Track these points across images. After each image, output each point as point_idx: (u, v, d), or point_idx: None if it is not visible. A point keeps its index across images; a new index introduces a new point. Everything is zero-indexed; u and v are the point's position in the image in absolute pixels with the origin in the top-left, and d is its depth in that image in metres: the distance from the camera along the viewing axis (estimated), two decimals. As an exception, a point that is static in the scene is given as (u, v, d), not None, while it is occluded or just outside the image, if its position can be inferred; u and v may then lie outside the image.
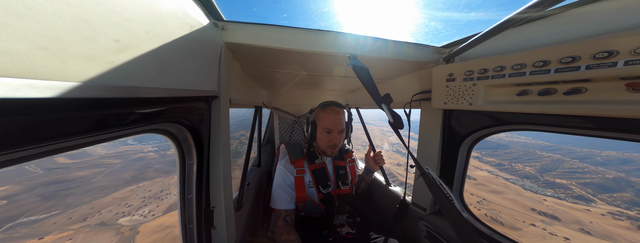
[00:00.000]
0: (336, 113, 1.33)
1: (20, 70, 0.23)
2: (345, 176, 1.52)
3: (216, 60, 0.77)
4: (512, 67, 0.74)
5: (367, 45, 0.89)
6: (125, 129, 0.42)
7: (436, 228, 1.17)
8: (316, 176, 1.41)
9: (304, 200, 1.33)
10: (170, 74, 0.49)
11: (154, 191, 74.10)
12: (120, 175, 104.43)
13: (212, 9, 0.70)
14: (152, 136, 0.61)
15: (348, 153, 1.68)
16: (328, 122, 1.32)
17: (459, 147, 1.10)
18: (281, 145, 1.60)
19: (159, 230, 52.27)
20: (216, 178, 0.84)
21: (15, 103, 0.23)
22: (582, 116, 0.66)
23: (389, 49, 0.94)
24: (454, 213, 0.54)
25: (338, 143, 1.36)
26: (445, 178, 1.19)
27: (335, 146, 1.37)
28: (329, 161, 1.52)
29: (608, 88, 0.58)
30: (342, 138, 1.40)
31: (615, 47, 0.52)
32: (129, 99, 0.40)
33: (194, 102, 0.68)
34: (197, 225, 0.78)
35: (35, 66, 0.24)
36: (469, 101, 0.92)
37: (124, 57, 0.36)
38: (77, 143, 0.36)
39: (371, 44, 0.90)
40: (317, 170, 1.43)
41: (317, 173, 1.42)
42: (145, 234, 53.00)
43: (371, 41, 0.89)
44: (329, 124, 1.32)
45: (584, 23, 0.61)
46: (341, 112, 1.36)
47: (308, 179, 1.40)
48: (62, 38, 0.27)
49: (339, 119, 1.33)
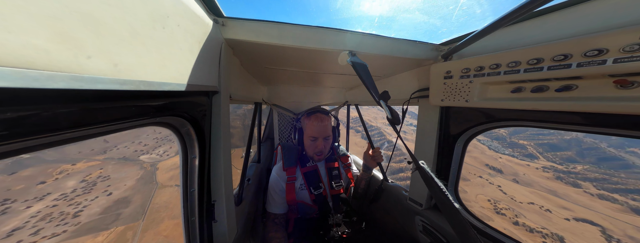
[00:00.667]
0: (320, 120, 1.38)
1: (38, 63, 0.25)
2: (338, 176, 1.55)
3: (216, 56, 0.78)
4: (508, 64, 0.76)
5: (366, 42, 0.90)
6: (130, 121, 0.44)
7: (432, 223, 1.20)
8: (308, 178, 1.46)
9: (295, 202, 1.40)
10: (172, 69, 0.50)
11: (164, 133, 75.72)
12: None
13: (212, 5, 0.70)
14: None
15: (344, 156, 1.71)
16: (313, 130, 1.38)
17: (454, 143, 1.12)
18: (278, 147, 1.63)
19: (173, 168, 58.63)
20: (217, 172, 0.85)
21: (34, 92, 0.25)
22: (573, 112, 0.68)
23: (388, 46, 0.95)
24: (448, 204, 0.56)
25: (324, 149, 1.43)
26: (441, 174, 1.21)
27: (321, 152, 1.43)
28: (322, 163, 1.56)
29: (598, 85, 0.60)
30: (328, 144, 1.46)
31: (605, 45, 0.54)
32: (135, 92, 0.42)
33: (195, 97, 0.69)
34: (199, 218, 0.80)
35: (51, 60, 0.26)
36: (465, 98, 0.94)
37: (128, 52, 0.37)
38: (85, 134, 0.37)
39: (370, 41, 0.91)
40: (309, 173, 1.48)
41: (308, 175, 1.47)
42: (164, 170, 59.43)
43: (370, 37, 0.90)
44: (313, 132, 1.38)
45: (576, 22, 0.63)
46: (326, 119, 1.41)
47: (299, 183, 1.45)
48: (74, 34, 0.28)
49: (324, 126, 1.38)
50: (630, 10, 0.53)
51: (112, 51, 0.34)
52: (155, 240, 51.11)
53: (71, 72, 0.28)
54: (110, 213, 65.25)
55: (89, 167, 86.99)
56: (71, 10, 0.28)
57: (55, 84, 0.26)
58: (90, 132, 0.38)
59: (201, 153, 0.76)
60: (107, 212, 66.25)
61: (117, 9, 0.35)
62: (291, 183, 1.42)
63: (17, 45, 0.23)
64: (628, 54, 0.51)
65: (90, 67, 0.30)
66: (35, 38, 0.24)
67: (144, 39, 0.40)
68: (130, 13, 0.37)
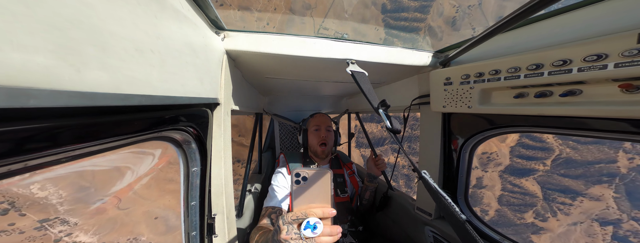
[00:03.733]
0: (322, 116, 1.58)
1: (35, 79, 0.23)
2: (343, 184, 1.52)
3: (218, 68, 0.79)
4: (507, 70, 0.76)
5: (365, 51, 0.92)
6: (131, 137, 0.44)
7: (443, 234, 1.15)
8: None
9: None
10: (174, 83, 0.50)
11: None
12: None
13: (213, 19, 0.72)
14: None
15: (348, 163, 1.69)
16: (315, 121, 1.54)
17: (460, 150, 1.10)
18: (281, 155, 1.62)
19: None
20: (218, 185, 0.84)
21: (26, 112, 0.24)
22: (579, 117, 0.67)
23: (386, 54, 0.96)
24: (454, 216, 0.53)
25: (327, 141, 1.47)
26: (449, 182, 1.18)
27: (325, 144, 1.45)
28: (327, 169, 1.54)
29: (603, 90, 0.60)
30: (331, 137, 1.52)
31: (605, 50, 0.54)
32: (136, 107, 0.42)
33: (196, 110, 0.69)
34: (200, 233, 0.78)
35: (51, 74, 0.25)
36: (467, 104, 0.94)
37: (130, 66, 0.37)
38: (83, 152, 0.37)
39: (368, 50, 0.92)
40: None
41: None
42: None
43: (368, 46, 0.92)
44: (316, 122, 1.53)
45: (574, 27, 0.63)
46: (327, 116, 1.59)
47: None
48: (75, 48, 0.28)
49: (326, 118, 1.56)
50: (628, 15, 0.54)
51: (114, 66, 0.34)
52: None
53: (71, 88, 0.27)
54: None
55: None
56: (72, 25, 0.28)
57: (54, 102, 0.25)
58: (88, 150, 0.38)
59: (202, 166, 0.76)
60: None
61: (119, 23, 0.35)
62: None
63: (14, 60, 0.22)
64: (628, 58, 0.51)
65: (91, 83, 0.30)
66: (33, 54, 0.23)
67: (146, 53, 0.41)
68: (133, 27, 0.38)
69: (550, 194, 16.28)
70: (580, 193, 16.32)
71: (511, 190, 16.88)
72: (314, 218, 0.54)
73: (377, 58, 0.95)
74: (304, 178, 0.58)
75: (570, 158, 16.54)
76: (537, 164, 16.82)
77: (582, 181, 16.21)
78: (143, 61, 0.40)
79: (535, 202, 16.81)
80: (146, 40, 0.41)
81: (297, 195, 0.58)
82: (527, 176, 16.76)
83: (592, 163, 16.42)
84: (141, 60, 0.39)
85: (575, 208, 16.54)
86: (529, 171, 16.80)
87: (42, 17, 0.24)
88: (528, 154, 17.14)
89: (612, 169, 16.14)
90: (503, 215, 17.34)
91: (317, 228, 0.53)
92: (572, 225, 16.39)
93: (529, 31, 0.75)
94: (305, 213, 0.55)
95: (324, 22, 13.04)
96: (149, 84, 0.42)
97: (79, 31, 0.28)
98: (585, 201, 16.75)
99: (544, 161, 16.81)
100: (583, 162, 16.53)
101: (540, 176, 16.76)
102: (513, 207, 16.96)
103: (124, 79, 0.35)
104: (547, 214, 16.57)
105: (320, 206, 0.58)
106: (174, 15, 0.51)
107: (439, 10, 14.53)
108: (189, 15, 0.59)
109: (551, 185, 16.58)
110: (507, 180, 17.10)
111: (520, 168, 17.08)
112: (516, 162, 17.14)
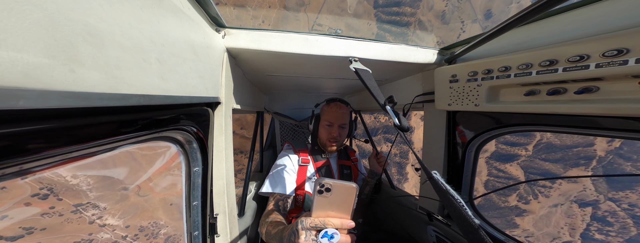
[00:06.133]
0: (339, 107, 1.36)
1: (28, 79, 0.22)
2: (349, 176, 1.50)
3: (219, 67, 0.76)
4: (518, 67, 0.74)
5: (368, 48, 0.89)
6: (131, 138, 0.41)
7: (446, 234, 1.15)
8: (319, 171, 1.39)
9: (303, 192, 1.28)
10: (174, 82, 0.47)
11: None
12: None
13: (214, 16, 0.69)
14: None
15: (351, 151, 1.66)
16: (330, 115, 1.35)
17: (466, 149, 1.09)
18: (286, 144, 1.56)
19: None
20: (219, 185, 0.83)
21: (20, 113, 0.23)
22: (595, 116, 0.66)
23: (389, 52, 0.93)
24: (467, 220, 0.51)
25: (338, 137, 1.36)
26: (453, 182, 1.17)
27: (335, 140, 1.36)
28: (334, 160, 1.50)
29: (621, 86, 0.59)
30: (344, 133, 1.40)
31: (626, 45, 0.52)
32: (135, 107, 0.40)
33: (197, 109, 0.67)
34: (202, 233, 0.77)
35: (42, 74, 0.24)
36: (474, 102, 0.92)
37: (128, 65, 0.34)
38: (82, 154, 0.34)
39: (371, 47, 0.90)
40: (320, 167, 1.40)
41: (320, 170, 1.39)
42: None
43: (371, 43, 0.89)
44: (330, 117, 1.35)
45: (591, 21, 0.62)
46: (345, 108, 1.38)
47: (311, 171, 1.35)
48: (70, 47, 0.26)
49: (342, 113, 1.36)
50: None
51: (111, 65, 0.31)
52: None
53: (65, 88, 0.26)
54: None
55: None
56: (65, 22, 0.26)
57: (46, 103, 0.24)
58: (86, 151, 0.35)
59: (204, 165, 0.74)
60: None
61: (117, 21, 0.31)
62: (304, 166, 1.33)
63: (0, 59, 0.20)
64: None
65: (87, 83, 0.29)
66: (22, 52, 0.22)
67: (144, 51, 0.37)
68: (131, 25, 0.35)
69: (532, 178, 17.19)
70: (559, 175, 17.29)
71: (497, 175, 17.72)
72: (332, 229, 0.55)
73: (380, 56, 0.92)
74: (328, 189, 0.57)
75: (551, 143, 17.45)
76: (520, 149, 17.68)
77: (561, 164, 17.21)
78: (141, 59, 0.36)
79: (518, 186, 17.76)
80: (144, 38, 0.38)
81: (319, 203, 0.57)
82: (511, 161, 17.60)
83: (571, 147, 17.41)
84: (139, 59, 0.36)
85: (554, 190, 17.60)
86: (513, 156, 17.64)
87: (31, 12, 0.22)
88: (512, 140, 17.92)
89: (589, 152, 17.16)
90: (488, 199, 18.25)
91: (334, 238, 0.55)
92: (552, 207, 17.47)
93: (541, 26, 0.73)
94: (324, 222, 0.56)
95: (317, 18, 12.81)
96: (148, 83, 0.38)
97: (73, 28, 0.26)
98: (564, 183, 17.83)
99: (526, 146, 17.69)
100: (562, 146, 17.48)
101: (523, 161, 17.65)
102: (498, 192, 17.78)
103: (122, 78, 0.33)
104: (529, 197, 17.60)
105: (340, 216, 0.58)
106: (173, 13, 0.47)
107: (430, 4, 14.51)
108: (188, 12, 0.55)
109: (533, 169, 17.51)
110: (493, 166, 17.92)
111: (504, 154, 17.92)
112: (501, 148, 17.95)
